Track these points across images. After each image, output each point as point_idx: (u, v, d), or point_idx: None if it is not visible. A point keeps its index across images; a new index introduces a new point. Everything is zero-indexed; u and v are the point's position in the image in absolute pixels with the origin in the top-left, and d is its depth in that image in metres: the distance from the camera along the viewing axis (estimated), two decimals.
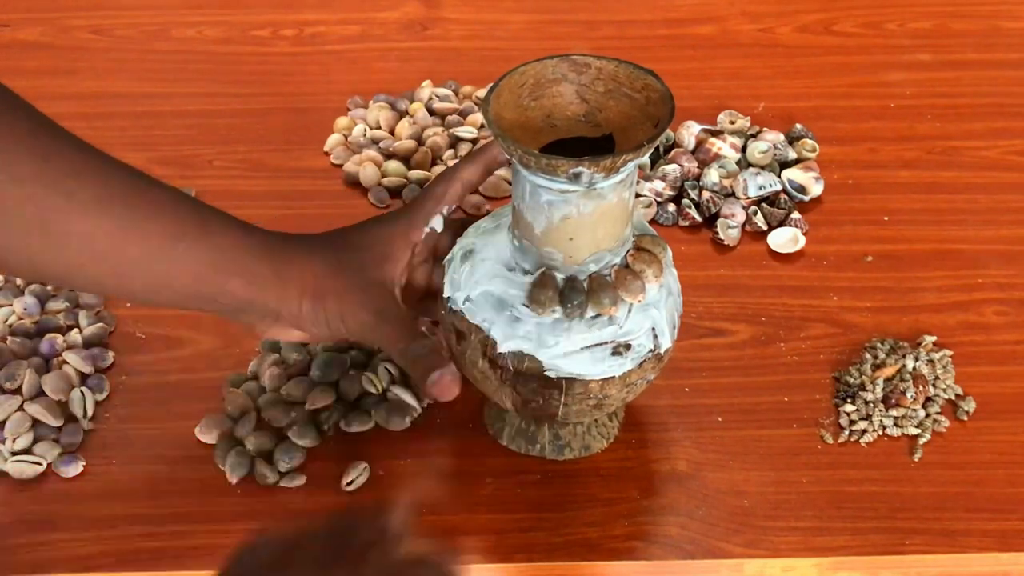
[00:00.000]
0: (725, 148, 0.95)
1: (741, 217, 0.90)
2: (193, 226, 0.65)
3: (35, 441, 0.74)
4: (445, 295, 0.66)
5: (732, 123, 0.99)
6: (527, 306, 0.62)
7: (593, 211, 0.59)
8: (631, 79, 0.62)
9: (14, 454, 0.74)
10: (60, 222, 0.60)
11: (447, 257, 0.68)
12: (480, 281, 0.64)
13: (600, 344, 0.63)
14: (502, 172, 0.91)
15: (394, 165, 0.95)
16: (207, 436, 0.74)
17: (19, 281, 0.85)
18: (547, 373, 0.63)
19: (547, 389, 0.64)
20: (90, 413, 0.76)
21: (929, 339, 0.81)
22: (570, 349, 0.63)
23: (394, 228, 0.70)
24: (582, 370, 0.63)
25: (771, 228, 0.90)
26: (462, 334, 0.65)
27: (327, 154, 0.99)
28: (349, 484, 0.72)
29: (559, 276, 0.62)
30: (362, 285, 0.68)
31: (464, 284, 0.65)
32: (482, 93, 1.02)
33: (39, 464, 0.73)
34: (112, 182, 0.62)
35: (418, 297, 0.73)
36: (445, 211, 0.71)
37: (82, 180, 0.61)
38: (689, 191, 0.92)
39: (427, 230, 0.70)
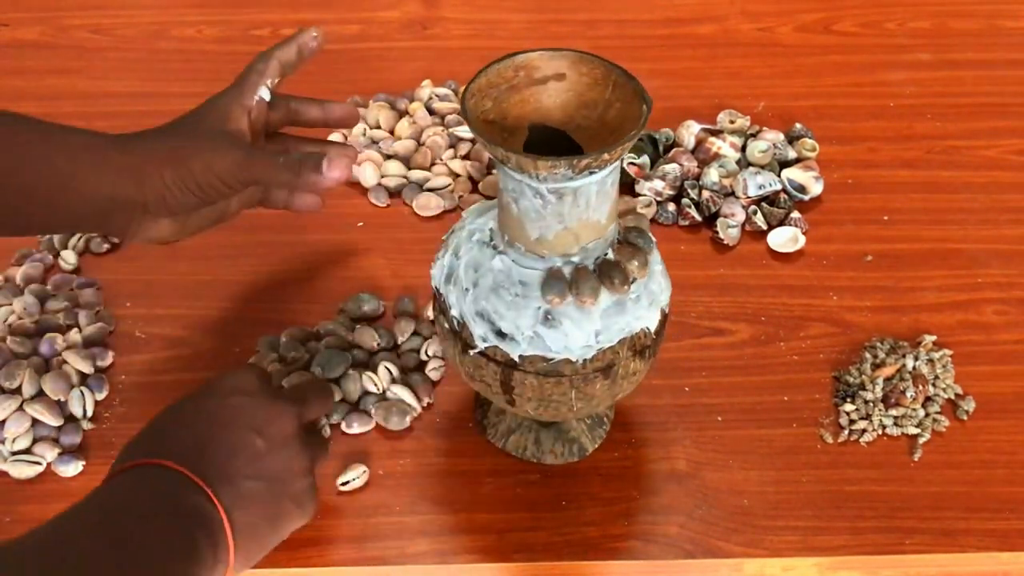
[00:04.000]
0: (725, 147, 0.95)
1: (741, 216, 0.90)
2: (38, 138, 0.69)
3: (35, 441, 0.74)
4: (435, 287, 0.67)
5: (732, 122, 0.99)
6: (520, 296, 0.62)
7: (570, 206, 0.59)
8: (607, 75, 0.61)
9: (14, 454, 0.74)
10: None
11: (449, 237, 0.68)
12: (458, 252, 0.65)
13: (537, 334, 0.62)
14: None
15: (394, 165, 0.95)
16: None
17: (19, 281, 0.85)
18: (534, 364, 0.63)
19: (489, 368, 0.64)
20: (90, 413, 0.76)
21: (929, 339, 0.81)
22: (509, 330, 0.63)
23: (231, 99, 0.73)
24: (518, 353, 0.63)
25: (771, 227, 0.90)
26: (436, 299, 0.67)
27: None
28: (345, 484, 0.72)
29: (559, 268, 0.62)
30: (212, 139, 0.70)
31: (444, 253, 0.66)
32: None
33: (39, 464, 0.73)
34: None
35: None
36: (269, 83, 0.74)
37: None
38: (689, 190, 0.92)
39: (256, 98, 0.73)
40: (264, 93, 0.74)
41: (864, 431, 0.75)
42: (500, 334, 0.63)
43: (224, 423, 0.62)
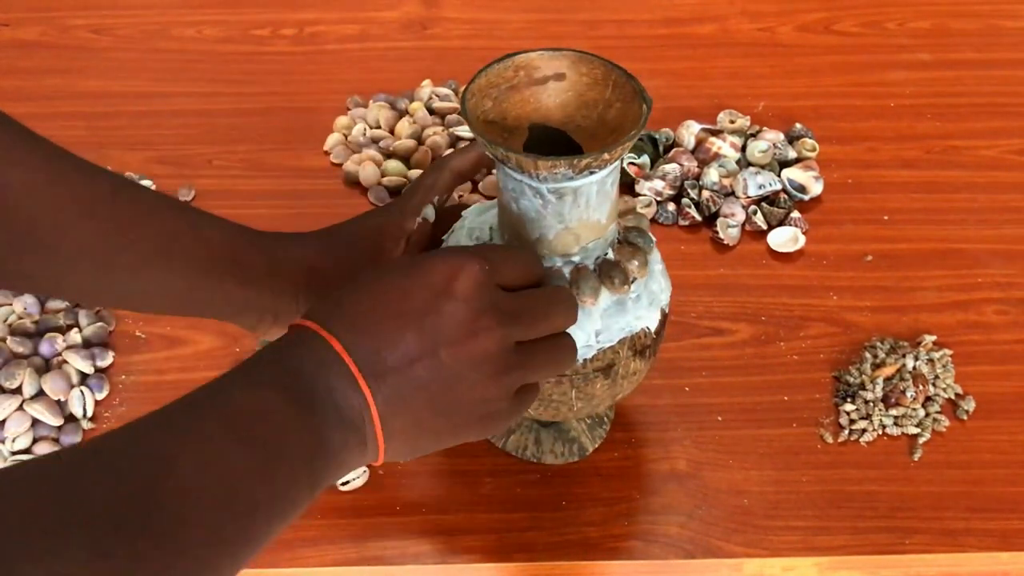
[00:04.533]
0: (725, 147, 0.95)
1: (741, 216, 0.90)
2: (185, 227, 0.64)
3: (35, 441, 0.74)
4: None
5: (732, 122, 0.99)
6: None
7: (570, 206, 0.59)
8: (607, 75, 0.61)
9: (14, 454, 0.74)
10: (49, 231, 0.59)
11: (445, 234, 0.68)
12: (467, 217, 0.65)
13: (586, 334, 0.62)
14: None
15: (394, 164, 0.95)
16: None
17: None
18: None
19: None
20: (90, 413, 0.76)
21: (929, 338, 0.81)
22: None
23: (386, 220, 0.69)
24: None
25: (771, 227, 0.90)
26: None
27: (327, 153, 0.99)
28: (345, 484, 0.72)
29: (559, 268, 0.62)
30: (359, 269, 0.67)
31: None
32: None
33: None
34: (99, 188, 0.61)
35: None
36: (436, 201, 0.70)
37: (69, 187, 0.60)
38: (689, 190, 0.92)
39: (419, 220, 0.69)
40: (429, 213, 0.69)
41: (864, 431, 0.75)
42: None
43: (416, 323, 0.53)
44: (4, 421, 0.74)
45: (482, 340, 0.53)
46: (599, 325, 0.62)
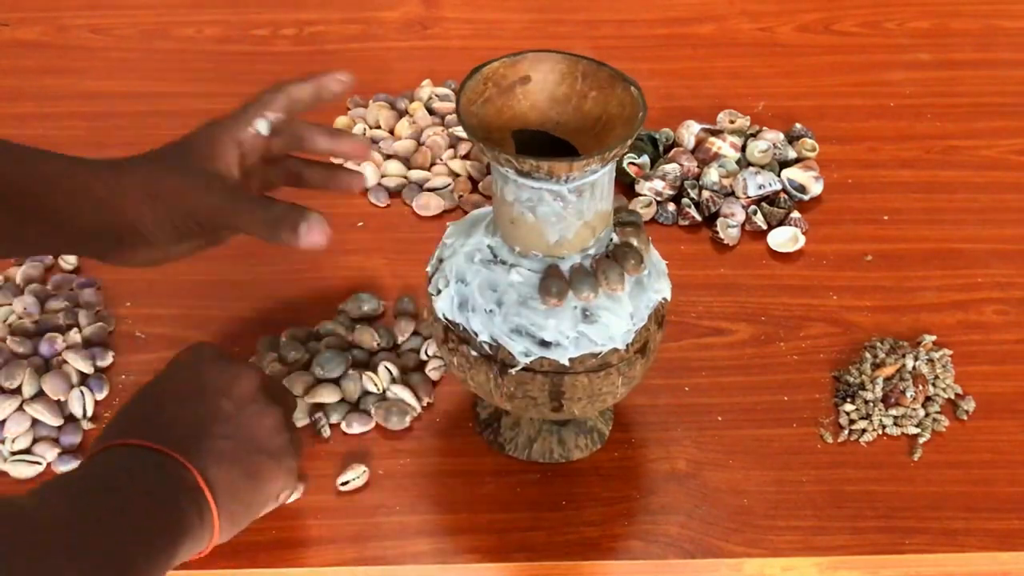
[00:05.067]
0: (725, 147, 0.95)
1: (741, 216, 0.90)
2: (11, 167, 0.68)
3: (34, 441, 0.74)
4: (431, 292, 0.67)
5: (732, 122, 0.99)
6: (522, 299, 0.62)
7: (588, 201, 0.59)
8: (572, 67, 0.61)
9: (13, 454, 0.74)
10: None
11: (431, 259, 0.68)
12: (463, 278, 0.64)
13: (581, 333, 0.63)
14: None
15: (393, 165, 0.95)
16: None
17: (19, 281, 0.85)
18: (584, 363, 0.63)
19: (536, 380, 0.64)
20: (90, 413, 0.76)
21: (929, 338, 0.81)
22: (553, 338, 0.63)
23: (217, 128, 0.71)
24: (567, 357, 0.63)
25: (771, 227, 0.90)
26: (449, 331, 0.66)
27: None
28: (345, 484, 0.72)
29: (580, 264, 0.63)
30: (198, 179, 0.68)
31: (447, 283, 0.65)
32: None
33: (38, 464, 0.73)
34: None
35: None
36: (271, 116, 0.72)
37: None
38: (689, 190, 0.92)
39: (251, 131, 0.71)
40: (262, 126, 0.72)
41: (864, 431, 0.75)
42: (544, 344, 0.63)
43: (189, 394, 0.64)
44: (4, 421, 0.74)
45: (242, 381, 0.65)
46: (631, 308, 0.63)
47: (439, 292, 0.66)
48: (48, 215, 0.68)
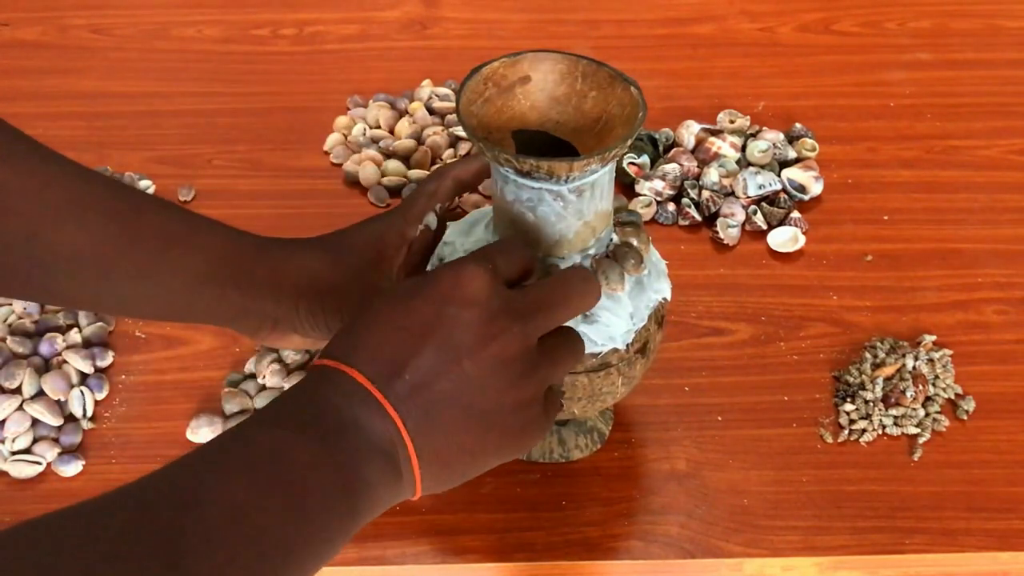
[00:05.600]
0: (725, 147, 0.95)
1: (741, 216, 0.90)
2: (182, 232, 0.63)
3: (35, 441, 0.74)
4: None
5: (732, 122, 0.99)
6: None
7: (588, 200, 0.59)
8: (572, 67, 0.61)
9: (14, 453, 0.74)
10: (48, 237, 0.58)
11: (431, 258, 0.68)
12: (450, 232, 0.64)
13: (582, 333, 0.63)
14: None
15: (394, 164, 0.95)
16: (197, 436, 0.74)
17: None
18: (584, 363, 0.63)
19: (588, 379, 0.64)
20: (89, 413, 0.76)
21: (929, 338, 0.81)
22: (601, 333, 0.63)
23: (388, 227, 0.69)
24: (616, 346, 0.63)
25: (771, 227, 0.90)
26: None
27: (327, 153, 0.99)
28: None
29: (579, 264, 0.62)
30: (359, 284, 0.67)
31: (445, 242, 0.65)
32: None
33: (39, 463, 0.73)
34: (97, 193, 0.60)
35: None
36: (438, 208, 0.69)
37: (67, 193, 0.59)
38: (689, 190, 0.92)
39: (421, 227, 0.69)
40: (431, 220, 0.68)
41: (864, 431, 0.75)
42: None
43: (432, 338, 0.52)
44: (4, 421, 0.74)
45: (502, 342, 0.52)
46: (631, 307, 0.63)
47: None
48: (207, 289, 0.64)
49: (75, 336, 0.80)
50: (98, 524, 0.43)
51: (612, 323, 0.62)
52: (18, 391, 0.76)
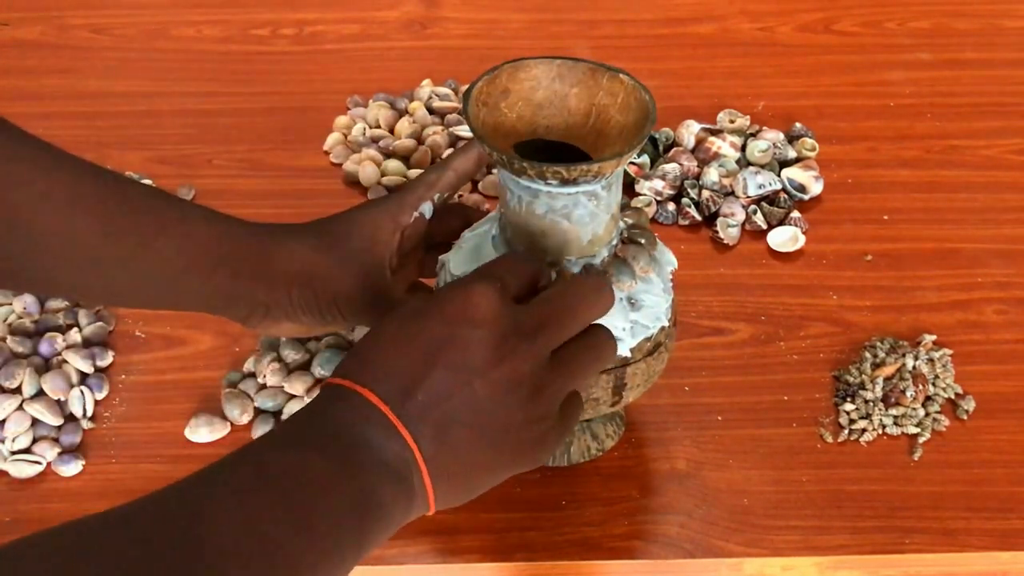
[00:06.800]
0: (725, 147, 0.95)
1: (741, 216, 0.90)
2: (172, 220, 0.62)
3: (34, 440, 0.74)
4: (437, 269, 0.67)
5: (732, 122, 0.99)
6: None
7: (613, 193, 0.60)
8: (576, 73, 0.61)
9: (13, 453, 0.74)
10: (36, 223, 0.58)
11: (437, 281, 0.68)
12: (456, 262, 0.64)
13: (634, 321, 0.63)
14: None
15: (394, 164, 0.95)
16: (196, 435, 0.75)
17: None
18: (641, 350, 0.64)
19: (601, 380, 0.64)
20: (89, 412, 0.76)
21: (929, 338, 0.81)
22: (649, 315, 0.63)
23: (381, 212, 0.68)
24: (627, 349, 0.63)
25: (771, 227, 0.90)
26: None
27: (327, 153, 0.99)
28: None
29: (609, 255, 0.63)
30: (352, 268, 0.66)
31: (447, 268, 0.65)
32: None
33: (38, 463, 0.73)
34: (84, 180, 0.60)
35: (409, 283, 0.73)
36: (436, 198, 0.69)
37: (54, 179, 0.59)
38: (689, 190, 0.92)
39: (416, 215, 0.68)
40: (427, 209, 0.68)
41: (864, 431, 0.75)
42: None
43: (443, 359, 0.52)
44: (4, 421, 0.74)
45: (512, 362, 0.52)
46: (662, 284, 0.64)
47: None
48: (199, 274, 0.63)
49: (75, 336, 0.80)
50: (115, 536, 0.43)
51: (654, 304, 0.63)
52: (18, 391, 0.76)
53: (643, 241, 0.64)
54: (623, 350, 0.63)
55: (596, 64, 0.61)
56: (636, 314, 0.63)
